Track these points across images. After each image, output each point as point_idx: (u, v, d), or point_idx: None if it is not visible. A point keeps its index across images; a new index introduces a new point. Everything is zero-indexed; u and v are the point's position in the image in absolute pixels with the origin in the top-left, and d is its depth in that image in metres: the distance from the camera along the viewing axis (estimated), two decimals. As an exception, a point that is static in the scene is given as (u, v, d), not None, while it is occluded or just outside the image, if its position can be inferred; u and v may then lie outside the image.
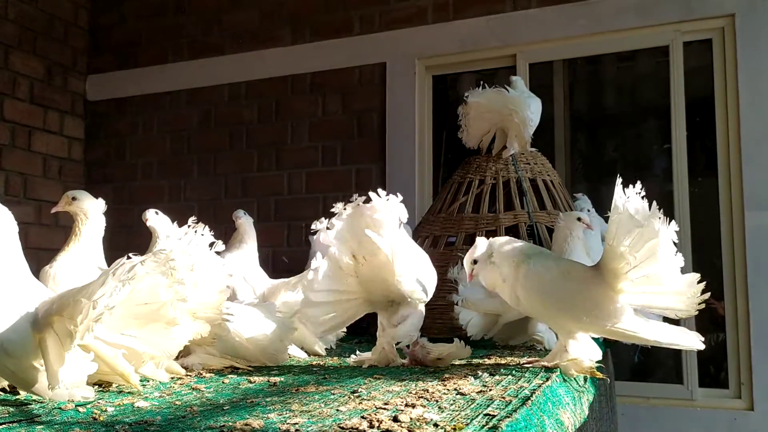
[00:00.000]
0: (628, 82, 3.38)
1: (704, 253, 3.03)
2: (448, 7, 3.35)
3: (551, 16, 3.15)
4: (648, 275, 1.15)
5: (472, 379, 1.17)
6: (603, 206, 3.31)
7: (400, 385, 1.13)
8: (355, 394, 1.04)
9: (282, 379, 1.24)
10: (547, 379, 1.14)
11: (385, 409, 0.91)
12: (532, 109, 2.32)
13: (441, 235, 2.28)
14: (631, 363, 3.21)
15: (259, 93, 3.71)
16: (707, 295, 1.18)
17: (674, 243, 1.18)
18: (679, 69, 2.96)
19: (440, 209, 2.36)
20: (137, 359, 1.09)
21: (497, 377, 1.19)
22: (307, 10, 3.63)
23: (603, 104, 3.45)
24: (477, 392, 1.04)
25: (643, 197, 1.18)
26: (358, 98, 3.50)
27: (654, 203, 1.16)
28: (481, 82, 2.34)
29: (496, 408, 0.91)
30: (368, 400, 0.99)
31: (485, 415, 0.87)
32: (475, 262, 1.34)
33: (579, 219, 1.71)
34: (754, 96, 2.83)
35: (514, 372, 1.24)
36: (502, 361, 1.38)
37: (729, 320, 2.86)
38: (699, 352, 3.09)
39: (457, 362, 1.43)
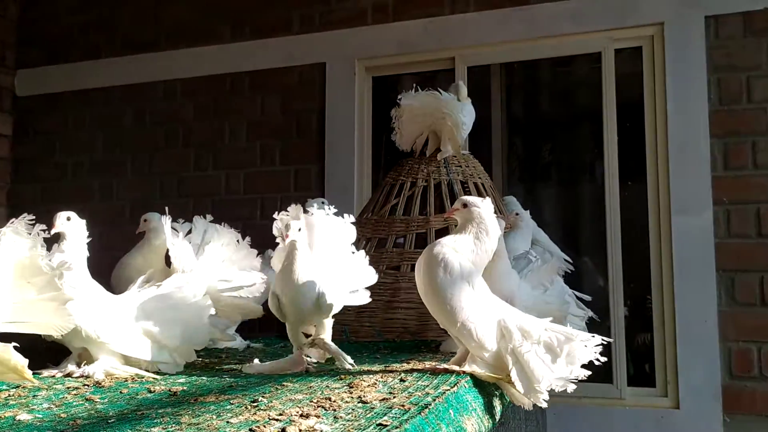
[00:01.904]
0: (564, 86, 3.44)
1: (634, 255, 3.10)
2: (387, 8, 3.34)
3: (489, 20, 3.17)
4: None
5: (381, 386, 1.15)
6: (539, 208, 3.38)
7: (305, 393, 1.10)
8: (254, 404, 1.01)
9: (185, 388, 1.20)
10: (455, 385, 1.13)
11: (277, 420, 0.89)
12: (465, 112, 2.33)
13: (372, 237, 2.26)
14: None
15: (196, 91, 3.63)
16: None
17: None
18: (611, 75, 3.02)
19: (372, 211, 2.34)
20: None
21: (407, 383, 1.18)
22: (247, 8, 3.57)
23: (539, 108, 3.50)
24: (380, 400, 1.02)
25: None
26: (298, 98, 3.46)
27: None
28: (414, 85, 2.33)
29: (393, 417, 0.89)
30: (265, 410, 0.96)
31: (378, 425, 0.85)
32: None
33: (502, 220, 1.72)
34: (681, 102, 2.91)
35: (425, 378, 1.23)
36: (419, 366, 1.37)
37: (656, 321, 2.93)
38: (628, 351, 3.23)
39: (375, 367, 1.42)
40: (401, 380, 1.21)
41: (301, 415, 0.90)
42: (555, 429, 2.87)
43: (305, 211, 1.50)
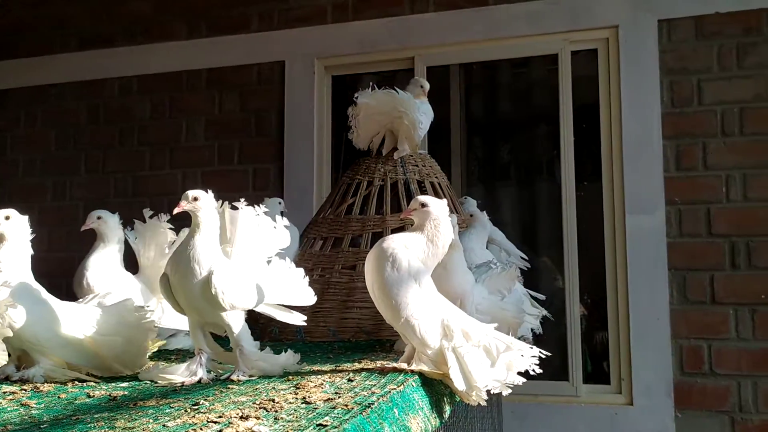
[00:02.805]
0: (522, 87, 3.47)
1: (590, 254, 3.15)
2: (347, 7, 3.33)
3: (448, 20, 3.19)
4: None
5: (327, 386, 1.14)
6: (498, 207, 3.40)
7: (250, 395, 1.08)
8: (195, 407, 0.99)
9: (126, 392, 1.17)
10: (401, 384, 1.12)
11: (216, 422, 0.87)
12: (422, 111, 2.33)
13: (328, 236, 2.24)
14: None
15: (152, 88, 3.57)
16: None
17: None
18: (567, 76, 3.07)
19: (328, 210, 2.33)
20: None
21: (354, 383, 1.17)
22: (204, 4, 3.52)
23: (498, 109, 3.53)
24: (325, 400, 1.01)
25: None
26: (256, 96, 3.43)
27: None
28: (371, 83, 2.33)
29: (334, 417, 0.88)
30: (205, 413, 0.94)
31: (318, 425, 0.84)
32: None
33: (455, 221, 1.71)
34: (635, 104, 2.96)
35: (373, 377, 1.22)
36: (370, 366, 1.36)
37: (611, 319, 2.98)
38: (584, 350, 3.28)
39: (325, 368, 1.40)
40: (349, 380, 1.20)
41: (241, 417, 0.89)
42: (512, 427, 2.90)
43: (233, 207, 1.46)
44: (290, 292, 1.46)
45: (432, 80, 3.22)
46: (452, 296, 1.66)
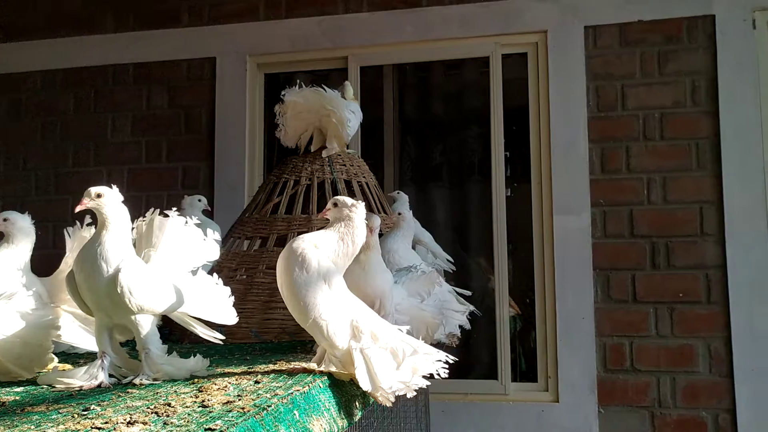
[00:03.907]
0: (454, 89, 3.51)
1: (519, 254, 3.21)
2: (280, 4, 3.29)
3: (381, 20, 3.19)
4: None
5: (232, 389, 1.11)
6: (430, 208, 3.42)
7: (148, 399, 1.05)
8: (85, 413, 0.95)
9: (18, 397, 1.11)
10: (308, 385, 1.11)
11: (100, 428, 0.83)
12: (350, 110, 2.31)
13: (253, 236, 2.21)
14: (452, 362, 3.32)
15: (77, 82, 3.44)
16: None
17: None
18: (498, 79, 3.11)
19: (254, 210, 2.29)
20: None
21: (260, 385, 1.15)
22: (132, -3, 3.42)
23: (431, 110, 3.55)
24: (223, 403, 0.98)
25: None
26: (186, 93, 3.35)
27: None
28: (298, 81, 2.30)
29: (226, 420, 0.86)
30: (92, 418, 0.90)
31: (206, 429, 0.81)
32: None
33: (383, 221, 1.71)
34: (562, 108, 3.03)
35: (281, 379, 1.20)
36: (283, 367, 1.34)
37: (539, 318, 3.04)
38: (518, 349, 3.34)
39: (238, 369, 1.37)
40: (256, 382, 1.18)
41: (128, 423, 0.85)
42: (442, 426, 2.92)
43: (163, 215, 1.42)
44: (211, 308, 1.41)
45: (365, 80, 3.25)
46: (371, 297, 1.65)
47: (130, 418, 0.88)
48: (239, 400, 1.01)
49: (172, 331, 2.04)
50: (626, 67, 3.01)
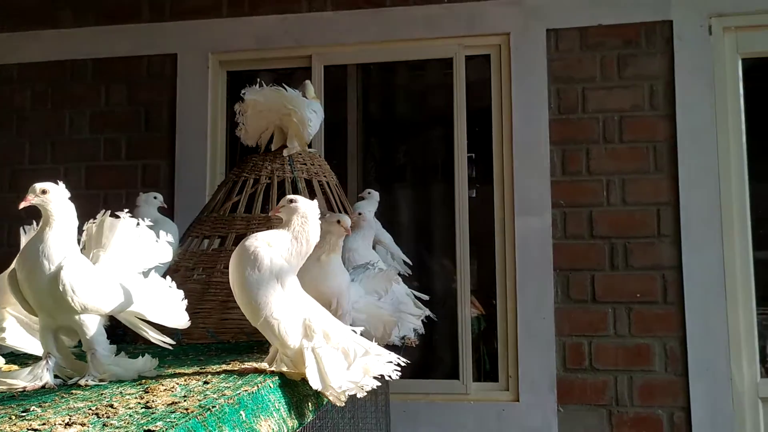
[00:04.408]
0: (419, 90, 3.52)
1: (483, 255, 3.23)
2: (243, 1, 3.26)
3: (345, 20, 3.18)
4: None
5: (179, 389, 1.09)
6: (394, 208, 3.43)
7: (91, 401, 1.03)
8: (24, 414, 0.92)
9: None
10: (257, 385, 1.10)
11: (37, 430, 0.81)
12: (312, 110, 2.30)
13: (211, 235, 2.18)
14: (415, 362, 3.33)
15: (34, 77, 3.36)
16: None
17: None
18: (462, 80, 3.12)
19: (213, 208, 2.26)
20: None
21: (209, 385, 1.13)
22: (91, -9, 3.35)
23: (395, 110, 3.56)
24: (168, 404, 0.96)
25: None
26: (146, 89, 3.29)
27: None
28: (258, 80, 2.28)
29: (167, 421, 0.84)
30: (30, 420, 0.88)
31: (146, 430, 0.80)
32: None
33: (338, 222, 1.70)
34: (525, 110, 3.06)
35: (231, 379, 1.19)
36: (235, 368, 1.32)
37: (500, 318, 3.06)
38: (481, 349, 3.36)
39: (190, 370, 1.35)
40: (205, 383, 1.16)
41: (66, 424, 0.83)
42: (404, 426, 2.92)
43: (115, 216, 1.39)
44: (162, 310, 1.38)
45: (329, 80, 3.23)
46: (328, 295, 1.65)
47: (69, 419, 0.86)
48: (185, 400, 0.99)
49: (126, 332, 2.00)
50: (587, 70, 3.05)
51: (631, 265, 2.94)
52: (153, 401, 0.99)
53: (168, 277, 1.45)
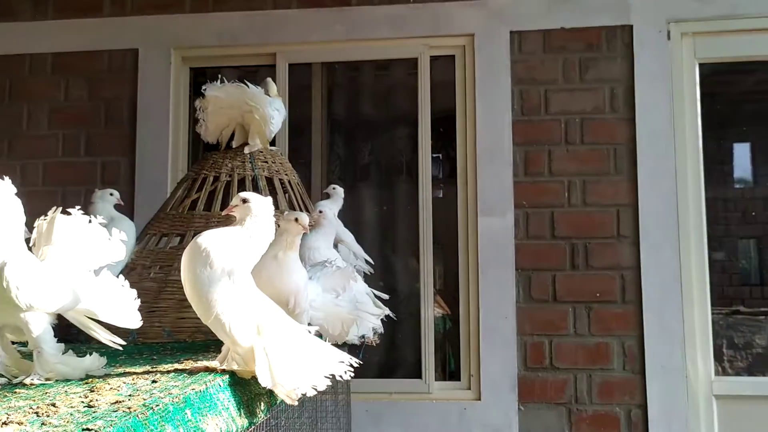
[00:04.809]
0: (384, 90, 3.52)
1: (448, 255, 3.24)
2: (207, -3, 3.22)
3: (311, 18, 3.17)
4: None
5: (125, 388, 1.08)
6: (357, 208, 3.43)
7: (34, 399, 1.00)
8: (-41, 414, 0.89)
9: None
10: (205, 384, 1.08)
11: (-31, 430, 0.79)
12: (274, 107, 2.29)
13: (169, 233, 2.15)
14: (378, 361, 3.34)
15: (-10, 71, 3.27)
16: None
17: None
18: (426, 81, 3.14)
19: (172, 206, 2.23)
20: None
21: (157, 384, 1.11)
22: (51, -16, 3.28)
23: (360, 110, 3.55)
24: (112, 403, 0.95)
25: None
26: (107, 85, 3.24)
27: None
28: (220, 76, 2.26)
29: (108, 420, 0.83)
30: (-35, 419, 0.85)
31: (84, 429, 0.78)
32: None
33: (296, 219, 1.69)
34: (488, 111, 3.08)
35: (181, 378, 1.17)
36: (187, 366, 1.30)
37: (462, 317, 3.08)
38: (440, 348, 3.38)
39: (141, 369, 1.33)
40: (153, 381, 1.14)
41: (3, 423, 0.81)
42: (366, 425, 2.92)
43: (65, 212, 1.36)
44: (113, 310, 1.35)
45: (294, 78, 3.22)
46: (285, 293, 1.64)
47: (7, 418, 0.84)
48: (129, 399, 0.97)
49: (80, 331, 1.97)
50: (549, 72, 3.08)
51: (591, 265, 2.99)
52: (97, 400, 0.97)
53: (121, 276, 1.42)
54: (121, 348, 1.38)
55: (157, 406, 0.90)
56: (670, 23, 3.02)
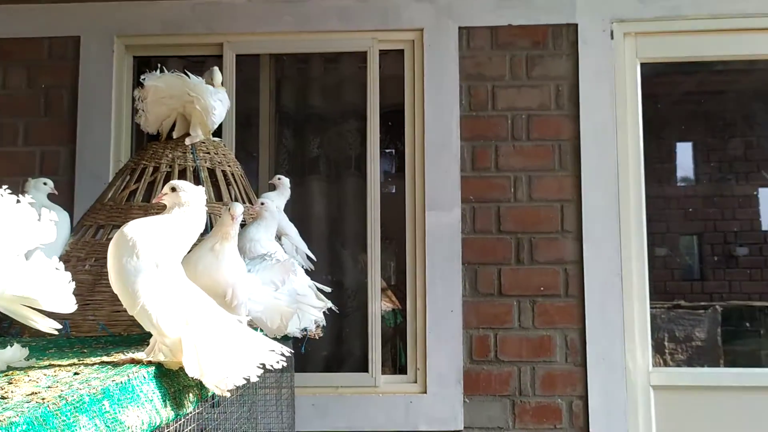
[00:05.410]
0: (333, 83, 3.50)
1: (399, 249, 3.25)
2: (152, -16, 3.15)
3: (259, 8, 3.13)
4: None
5: (45, 380, 1.04)
6: (305, 202, 3.41)
7: (-55, 393, 0.96)
8: None
9: None
10: (129, 375, 1.06)
11: None
12: (217, 98, 2.25)
13: (106, 224, 2.10)
14: (326, 356, 3.33)
15: None
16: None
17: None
18: (375, 75, 3.13)
19: (109, 197, 2.18)
20: None
21: (79, 376, 1.08)
22: (-13, -32, 3.16)
23: (308, 103, 3.53)
24: (28, 395, 0.92)
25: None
26: (47, 73, 3.14)
27: None
28: (159, 65, 2.21)
29: (17, 411, 0.80)
30: None
31: (-12, 421, 0.75)
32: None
33: (229, 210, 1.67)
34: (437, 106, 3.10)
35: (104, 369, 1.14)
36: (113, 359, 1.27)
37: (409, 311, 3.09)
38: (391, 343, 3.39)
39: (65, 362, 1.29)
40: (75, 373, 1.11)
41: None
42: (311, 419, 2.91)
43: None
44: (45, 294, 1.30)
45: (242, 69, 3.17)
46: (222, 285, 1.62)
47: None
48: (46, 391, 0.94)
49: (12, 324, 1.91)
50: (497, 69, 3.12)
51: (536, 259, 3.04)
52: (12, 392, 0.94)
53: (55, 257, 1.37)
54: (57, 333, 1.33)
55: (71, 397, 0.87)
56: (614, 23, 3.09)
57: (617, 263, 2.99)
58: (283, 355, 1.23)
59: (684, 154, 5.34)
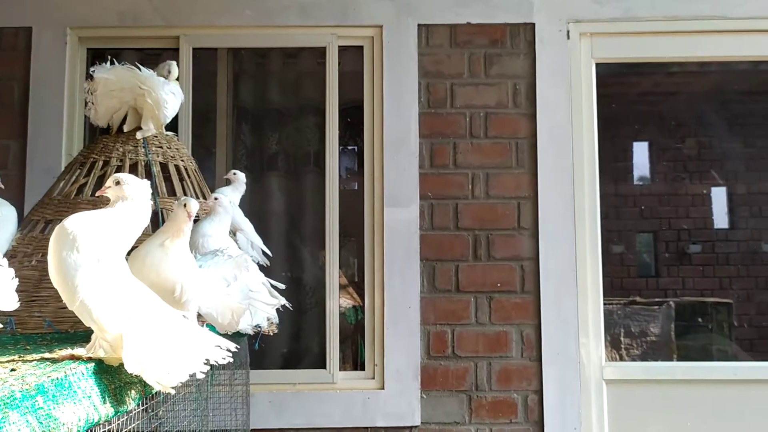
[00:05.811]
0: (292, 78, 3.48)
1: (360, 246, 3.24)
2: (107, -26, 3.08)
3: (218, 1, 3.09)
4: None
5: (-22, 376, 1.02)
6: (263, 197, 3.38)
7: None
8: None
9: None
10: (67, 371, 1.04)
11: None
12: (168, 91, 2.22)
13: (54, 219, 2.05)
14: (284, 352, 3.31)
15: None
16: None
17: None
18: (334, 71, 3.12)
19: (58, 191, 2.13)
20: None
21: (16, 372, 1.06)
22: (-67, -46, 3.05)
23: (267, 98, 3.50)
24: (-44, 392, 0.89)
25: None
26: (-4, 64, 3.05)
27: None
28: (109, 57, 2.17)
29: (-59, 409, 0.78)
30: None
31: None
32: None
33: (184, 206, 1.65)
34: (396, 103, 3.10)
35: (42, 366, 1.12)
36: (53, 355, 1.25)
37: (368, 308, 3.09)
38: (351, 339, 3.39)
39: (4, 358, 1.26)
40: (12, 370, 1.08)
41: None
42: (268, 416, 2.90)
43: None
44: None
45: (199, 63, 3.13)
46: (172, 282, 1.60)
47: None
48: (-21, 388, 0.92)
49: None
50: (455, 66, 3.14)
51: (493, 256, 3.07)
52: (-58, 390, 0.91)
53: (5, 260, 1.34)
54: (2, 330, 1.30)
55: (2, 393, 0.85)
56: (570, 23, 3.13)
57: (572, 260, 3.04)
58: (230, 351, 1.22)
59: (639, 153, 5.45)
